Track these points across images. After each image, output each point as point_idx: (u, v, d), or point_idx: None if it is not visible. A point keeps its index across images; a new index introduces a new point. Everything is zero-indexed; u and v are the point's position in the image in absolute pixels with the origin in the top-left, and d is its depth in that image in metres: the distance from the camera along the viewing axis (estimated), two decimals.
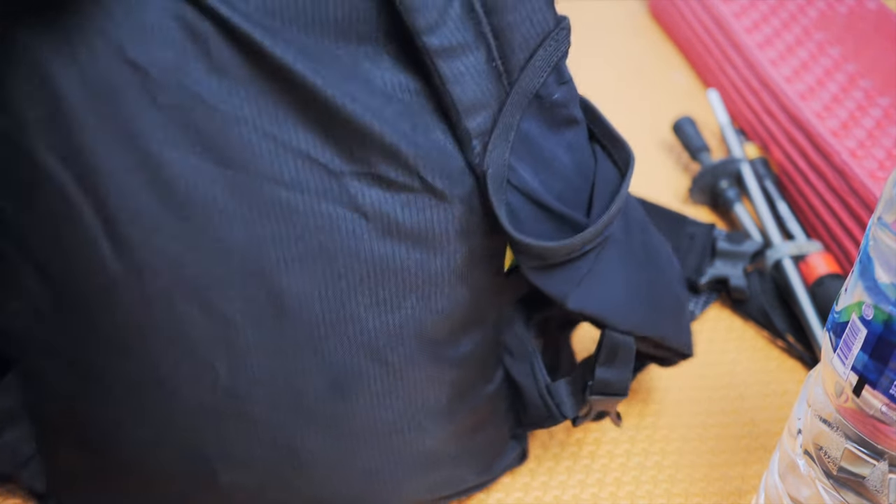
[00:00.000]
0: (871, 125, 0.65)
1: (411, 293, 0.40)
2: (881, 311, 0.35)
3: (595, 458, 0.53)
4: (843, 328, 0.38)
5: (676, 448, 0.54)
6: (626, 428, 0.54)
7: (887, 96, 0.68)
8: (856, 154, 0.63)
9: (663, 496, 0.51)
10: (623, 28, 0.90)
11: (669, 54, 0.86)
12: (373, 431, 0.42)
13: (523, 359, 0.46)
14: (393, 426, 0.42)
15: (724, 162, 0.67)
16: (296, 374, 0.39)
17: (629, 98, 0.80)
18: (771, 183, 0.68)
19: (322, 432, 0.41)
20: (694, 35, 0.82)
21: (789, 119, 0.68)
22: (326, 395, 0.40)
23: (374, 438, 0.42)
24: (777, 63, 0.72)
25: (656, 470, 0.52)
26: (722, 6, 0.78)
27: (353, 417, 0.41)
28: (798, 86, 0.69)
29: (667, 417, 0.55)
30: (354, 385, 0.40)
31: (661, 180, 0.71)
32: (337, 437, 0.41)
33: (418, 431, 0.43)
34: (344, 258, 0.38)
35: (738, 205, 0.66)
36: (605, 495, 0.51)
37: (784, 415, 0.56)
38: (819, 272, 0.60)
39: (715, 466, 0.53)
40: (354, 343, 0.39)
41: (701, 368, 0.58)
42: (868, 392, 0.37)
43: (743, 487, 0.52)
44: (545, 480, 0.51)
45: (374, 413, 0.41)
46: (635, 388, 0.57)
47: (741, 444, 0.54)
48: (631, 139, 0.78)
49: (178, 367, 0.38)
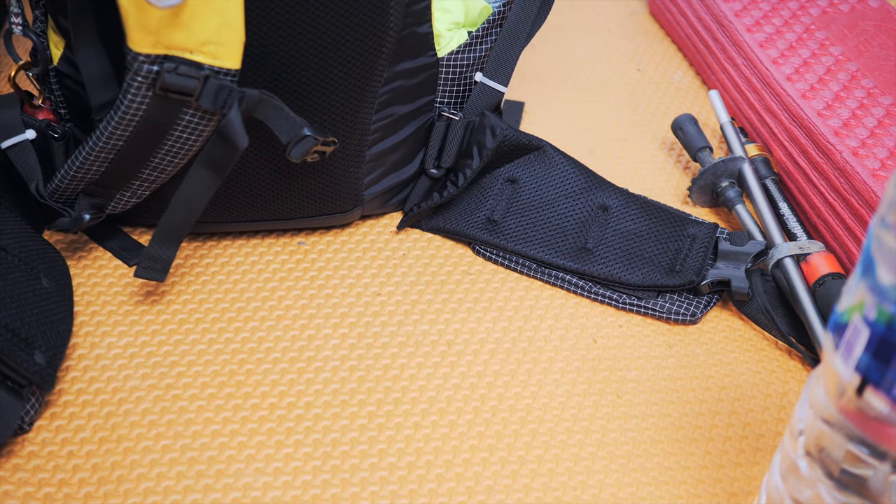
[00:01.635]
0: (872, 124, 0.65)
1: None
2: (884, 311, 0.35)
3: (596, 460, 0.52)
4: (845, 329, 0.38)
5: (678, 449, 0.53)
6: (629, 429, 0.54)
7: (889, 95, 0.68)
8: (857, 153, 0.63)
9: (665, 497, 0.51)
10: (623, 28, 0.89)
11: (669, 54, 0.86)
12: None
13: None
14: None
15: (725, 161, 0.67)
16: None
17: (629, 98, 0.80)
18: (772, 182, 0.68)
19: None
20: (694, 34, 0.82)
21: (791, 118, 0.68)
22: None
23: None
24: (778, 62, 0.72)
25: (658, 471, 0.52)
26: (723, 5, 0.78)
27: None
28: (799, 85, 0.69)
29: (668, 418, 0.55)
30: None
31: (661, 180, 0.71)
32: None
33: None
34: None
35: (740, 205, 0.66)
36: (606, 496, 0.51)
37: (785, 416, 0.56)
38: (821, 272, 0.60)
39: (717, 467, 0.53)
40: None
41: (703, 369, 0.58)
42: (871, 393, 0.37)
43: (745, 488, 0.52)
44: (546, 482, 0.51)
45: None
46: (637, 389, 0.56)
47: (743, 445, 0.54)
48: (631, 139, 0.78)
49: None
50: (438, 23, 0.60)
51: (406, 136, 0.62)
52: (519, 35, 0.64)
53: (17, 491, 0.49)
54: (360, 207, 0.63)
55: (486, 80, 0.64)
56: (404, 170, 0.64)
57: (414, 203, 0.65)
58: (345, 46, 0.55)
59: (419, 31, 0.58)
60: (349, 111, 0.58)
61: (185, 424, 0.53)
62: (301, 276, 0.62)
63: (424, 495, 0.50)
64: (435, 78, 0.62)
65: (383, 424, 0.54)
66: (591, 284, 0.62)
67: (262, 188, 0.60)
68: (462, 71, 0.63)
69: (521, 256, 0.63)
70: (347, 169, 0.60)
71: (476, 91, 0.64)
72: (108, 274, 0.61)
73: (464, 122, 0.63)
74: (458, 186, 0.64)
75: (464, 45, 0.62)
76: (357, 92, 0.57)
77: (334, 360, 0.57)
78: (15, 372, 0.49)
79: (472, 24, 0.63)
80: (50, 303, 0.54)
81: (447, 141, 0.64)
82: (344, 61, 0.56)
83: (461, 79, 0.63)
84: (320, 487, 0.50)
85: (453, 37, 0.62)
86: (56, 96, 0.59)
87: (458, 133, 0.63)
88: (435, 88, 0.62)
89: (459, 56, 0.62)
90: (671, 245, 0.62)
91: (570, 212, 0.64)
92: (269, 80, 0.55)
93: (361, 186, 0.62)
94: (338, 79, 0.56)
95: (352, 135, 0.59)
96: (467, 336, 0.59)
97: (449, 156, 0.64)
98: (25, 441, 0.51)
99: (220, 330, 0.58)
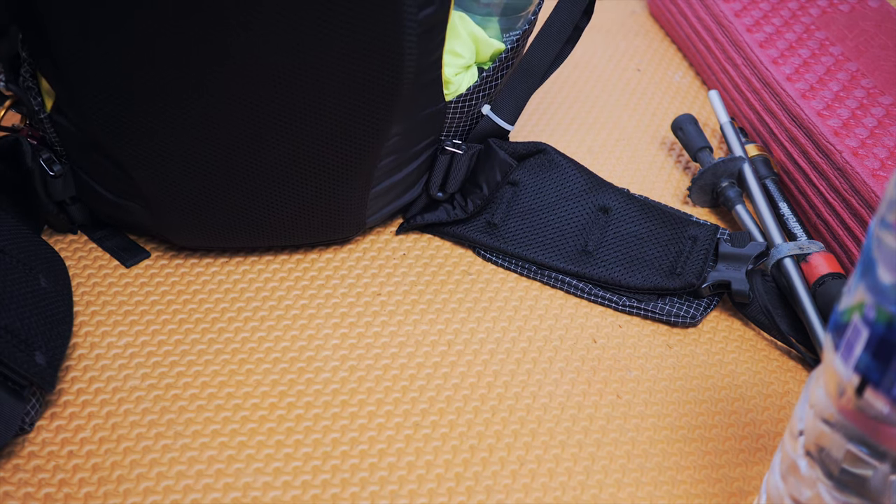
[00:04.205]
0: (872, 124, 0.65)
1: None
2: (884, 311, 0.35)
3: (596, 460, 0.52)
4: (845, 329, 0.38)
5: (678, 449, 0.53)
6: (628, 429, 0.54)
7: (889, 95, 0.68)
8: (857, 153, 0.63)
9: (665, 497, 0.51)
10: (623, 28, 0.89)
11: (669, 54, 0.86)
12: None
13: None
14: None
15: (725, 161, 0.67)
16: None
17: (629, 98, 0.80)
18: (772, 182, 0.68)
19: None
20: (694, 34, 0.82)
21: (790, 118, 0.68)
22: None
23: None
24: (778, 62, 0.72)
25: (657, 471, 0.52)
26: (723, 5, 0.78)
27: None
28: (799, 84, 0.69)
29: (668, 418, 0.55)
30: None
31: (661, 180, 0.71)
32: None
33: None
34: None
35: (740, 205, 0.66)
36: (605, 496, 0.51)
37: (785, 416, 0.56)
38: (821, 272, 0.60)
39: (716, 467, 0.53)
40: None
41: (702, 369, 0.58)
42: (871, 393, 0.37)
43: (744, 488, 0.52)
44: (545, 482, 0.51)
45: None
46: (636, 389, 0.56)
47: (742, 445, 0.54)
48: (631, 139, 0.78)
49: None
50: (447, 68, 0.58)
51: (411, 171, 0.61)
52: (533, 76, 0.63)
53: (17, 491, 0.49)
54: (361, 231, 0.63)
55: (493, 116, 0.62)
56: (407, 195, 0.63)
57: (416, 213, 0.65)
58: (355, 112, 0.54)
59: (427, 80, 0.56)
60: (354, 167, 0.57)
61: (185, 424, 0.53)
62: (301, 276, 0.62)
63: (424, 495, 0.50)
64: (442, 119, 0.60)
65: (383, 424, 0.54)
66: (591, 287, 0.62)
67: (265, 225, 0.59)
68: (470, 109, 0.61)
69: (522, 259, 0.63)
70: (350, 209, 0.60)
71: (483, 123, 0.62)
72: (108, 274, 0.61)
73: (468, 154, 0.62)
74: (466, 212, 0.63)
75: (473, 87, 0.60)
76: (363, 150, 0.56)
77: (334, 360, 0.57)
78: (15, 373, 0.49)
79: (483, 63, 0.62)
80: (49, 303, 0.54)
81: (451, 171, 0.62)
82: (353, 125, 0.54)
83: (469, 116, 0.61)
84: (320, 487, 0.50)
85: (462, 80, 0.60)
86: (52, 137, 0.57)
87: (464, 164, 0.62)
88: (442, 128, 0.61)
89: (469, 98, 0.60)
90: (672, 247, 0.62)
91: (570, 214, 0.64)
92: (266, 145, 0.54)
93: (364, 217, 0.62)
94: (345, 141, 0.55)
95: (355, 183, 0.58)
96: (467, 336, 0.59)
97: (454, 184, 0.63)
98: (25, 441, 0.51)
99: (220, 330, 0.58)
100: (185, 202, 0.57)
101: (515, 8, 0.63)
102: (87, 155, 0.57)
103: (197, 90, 0.51)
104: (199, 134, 0.53)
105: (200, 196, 0.57)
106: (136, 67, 0.50)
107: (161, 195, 0.57)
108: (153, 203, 0.57)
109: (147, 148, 0.54)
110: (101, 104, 0.52)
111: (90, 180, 0.58)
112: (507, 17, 0.63)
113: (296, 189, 0.57)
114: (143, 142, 0.53)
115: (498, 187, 0.63)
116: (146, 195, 0.57)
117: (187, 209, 0.57)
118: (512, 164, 0.63)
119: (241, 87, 0.51)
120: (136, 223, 0.61)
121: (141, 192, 0.57)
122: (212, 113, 0.52)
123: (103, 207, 0.60)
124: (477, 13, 0.61)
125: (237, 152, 0.54)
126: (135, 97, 0.51)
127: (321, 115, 0.53)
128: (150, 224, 0.60)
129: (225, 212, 0.58)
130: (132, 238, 0.63)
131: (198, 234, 0.60)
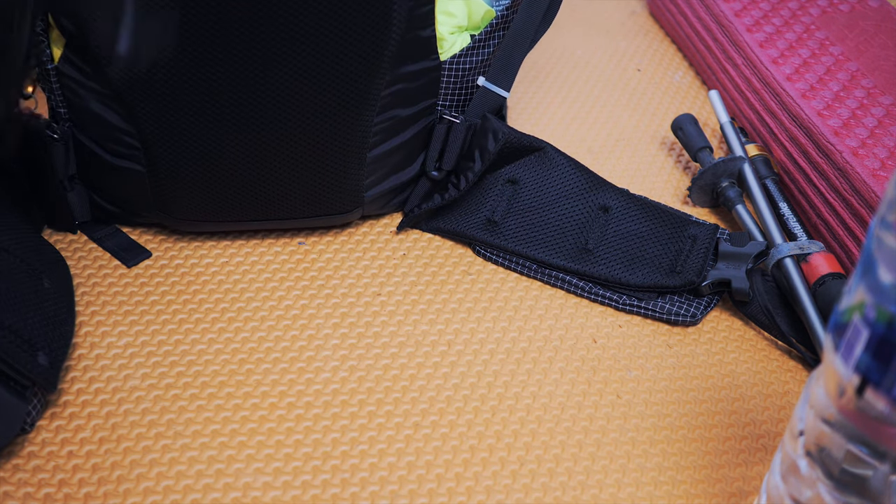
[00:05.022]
0: (872, 124, 0.65)
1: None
2: (884, 311, 0.35)
3: (596, 460, 0.52)
4: (846, 329, 0.37)
5: (678, 449, 0.53)
6: (628, 429, 0.54)
7: (889, 95, 0.68)
8: (857, 153, 0.63)
9: (665, 497, 0.51)
10: (623, 28, 0.89)
11: (669, 54, 0.86)
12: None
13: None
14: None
15: (725, 161, 0.67)
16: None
17: (629, 98, 0.80)
18: (772, 182, 0.68)
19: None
20: (694, 34, 0.82)
21: (791, 118, 0.68)
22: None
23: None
24: (778, 62, 0.72)
25: (657, 471, 0.52)
26: (723, 5, 0.78)
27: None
28: (799, 85, 0.69)
29: (668, 418, 0.55)
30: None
31: (661, 180, 0.71)
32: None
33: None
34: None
35: (740, 205, 0.66)
36: (605, 496, 0.51)
37: (785, 416, 0.56)
38: (821, 272, 0.60)
39: (716, 468, 0.53)
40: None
41: (702, 369, 0.58)
42: (871, 393, 0.37)
43: (744, 488, 0.52)
44: (545, 482, 0.51)
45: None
46: (636, 389, 0.56)
47: (742, 445, 0.54)
48: (631, 139, 0.78)
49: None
50: (441, 26, 0.60)
51: (407, 139, 0.62)
52: (523, 39, 0.64)
53: (16, 491, 0.49)
54: (360, 208, 0.63)
55: (489, 85, 0.64)
56: (405, 171, 0.64)
57: (414, 204, 0.65)
58: (346, 49, 0.55)
59: (422, 34, 0.58)
60: (350, 113, 0.58)
61: (185, 424, 0.53)
62: (301, 276, 0.62)
63: (424, 495, 0.50)
64: (437, 81, 0.62)
65: (383, 424, 0.54)
66: (591, 285, 0.62)
67: (261, 188, 0.60)
68: (464, 74, 0.62)
69: (522, 257, 0.63)
70: (348, 170, 0.60)
71: (478, 95, 0.63)
72: (108, 274, 0.61)
73: (465, 126, 0.63)
74: (459, 189, 0.64)
75: (466, 49, 0.62)
76: (358, 94, 0.57)
77: (334, 360, 0.57)
78: (18, 373, 0.49)
79: (475, 28, 0.63)
80: (52, 304, 0.54)
81: (448, 144, 0.63)
82: (345, 63, 0.56)
83: (463, 82, 0.63)
84: (320, 487, 0.50)
85: (456, 41, 0.61)
86: (56, 95, 0.58)
87: (460, 136, 0.63)
88: (437, 92, 0.62)
89: (462, 60, 0.62)
90: (672, 246, 0.62)
91: (570, 213, 0.64)
92: (268, 79, 0.55)
93: (362, 188, 0.62)
94: (339, 81, 0.56)
95: (353, 137, 0.59)
96: (467, 336, 0.59)
97: (450, 158, 0.64)
98: (25, 441, 0.51)
99: (220, 330, 0.58)
100: (187, 155, 0.57)
101: None
102: (92, 108, 0.57)
103: (210, 45, 0.53)
104: (208, 86, 0.55)
105: (203, 150, 0.57)
106: (163, 22, 0.52)
107: (164, 144, 0.57)
108: (153, 159, 0.58)
109: (158, 92, 0.55)
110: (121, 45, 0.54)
111: (90, 143, 0.59)
112: None
113: (295, 141, 0.58)
114: (155, 84, 0.55)
115: (490, 158, 0.63)
116: (148, 145, 0.57)
117: (188, 164, 0.58)
118: (505, 131, 0.63)
119: (244, 49, 0.53)
120: (133, 194, 0.61)
121: (144, 138, 0.57)
122: (219, 63, 0.54)
123: (102, 177, 0.60)
124: None
125: (241, 94, 0.56)
126: (156, 46, 0.54)
127: (319, 55, 0.55)
128: (148, 193, 0.60)
129: (225, 171, 0.59)
130: (133, 238, 0.63)
131: (195, 204, 0.60)
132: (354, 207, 0.63)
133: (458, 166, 0.65)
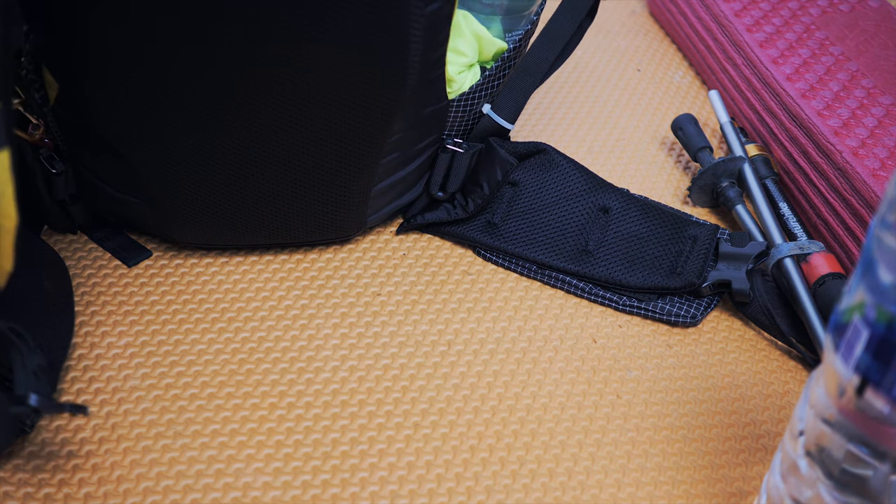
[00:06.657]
0: (872, 124, 0.65)
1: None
2: (884, 311, 0.35)
3: (596, 460, 0.52)
4: (846, 329, 0.37)
5: (678, 449, 0.53)
6: (628, 429, 0.54)
7: (889, 95, 0.68)
8: (857, 153, 0.63)
9: (664, 497, 0.51)
10: (623, 28, 0.89)
11: (669, 54, 0.86)
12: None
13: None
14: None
15: (725, 161, 0.67)
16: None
17: (629, 98, 0.80)
18: (772, 182, 0.68)
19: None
20: (694, 34, 0.82)
21: (790, 118, 0.68)
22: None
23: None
24: (778, 62, 0.72)
25: (657, 471, 0.52)
26: (723, 5, 0.78)
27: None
28: (799, 85, 0.69)
29: (668, 418, 0.55)
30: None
31: (661, 180, 0.71)
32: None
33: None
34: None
35: (740, 205, 0.66)
36: (605, 496, 0.51)
37: (785, 416, 0.56)
38: (821, 272, 0.60)
39: (716, 468, 0.53)
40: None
41: (702, 369, 0.58)
42: (871, 393, 0.37)
43: (744, 489, 0.52)
44: (545, 482, 0.51)
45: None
46: (636, 389, 0.56)
47: (742, 445, 0.54)
48: (631, 139, 0.78)
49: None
50: (450, 66, 0.58)
51: (412, 170, 0.62)
52: (534, 77, 0.63)
53: (16, 491, 0.49)
54: (361, 230, 0.63)
55: (493, 115, 0.63)
56: (409, 194, 0.63)
57: (416, 212, 0.65)
58: (357, 107, 0.54)
59: (430, 77, 0.56)
60: (356, 163, 0.57)
61: (185, 424, 0.53)
62: (301, 276, 0.62)
63: (424, 495, 0.50)
64: (445, 117, 0.61)
65: (383, 424, 0.54)
66: (591, 286, 0.62)
67: (263, 223, 0.59)
68: (472, 108, 0.61)
69: (522, 259, 0.63)
70: (352, 206, 0.60)
71: (483, 121, 0.63)
72: (108, 274, 0.61)
73: (469, 153, 0.62)
74: (467, 211, 0.63)
75: (476, 86, 0.60)
76: (366, 148, 0.56)
77: (334, 360, 0.57)
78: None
79: (486, 61, 0.62)
80: (51, 304, 0.54)
81: (452, 170, 0.62)
82: (355, 122, 0.54)
83: (471, 115, 0.62)
84: (320, 487, 0.50)
85: (465, 79, 0.60)
86: (54, 129, 0.57)
87: (465, 163, 0.62)
88: (444, 126, 0.61)
89: (471, 96, 0.61)
90: (672, 247, 0.62)
91: (570, 214, 0.64)
92: (271, 144, 0.54)
93: (365, 216, 0.62)
94: (346, 139, 0.55)
95: (357, 181, 0.58)
96: (467, 336, 0.59)
97: (454, 183, 0.63)
98: (25, 441, 0.51)
99: (221, 330, 0.58)
100: (187, 198, 0.57)
101: (518, 8, 0.63)
102: (88, 148, 0.57)
103: (206, 86, 0.52)
104: (206, 130, 0.53)
105: (203, 191, 0.57)
106: (153, 70, 0.51)
107: (163, 189, 0.57)
108: (154, 197, 0.57)
109: (152, 144, 0.54)
110: (110, 98, 0.52)
111: (91, 175, 0.58)
112: (510, 17, 0.63)
113: (299, 184, 0.57)
114: (148, 137, 0.54)
115: (499, 186, 0.63)
116: (148, 189, 0.57)
117: (189, 205, 0.57)
118: (513, 163, 0.63)
119: (247, 83, 0.52)
120: (136, 218, 0.61)
121: (142, 186, 0.57)
122: (218, 108, 0.53)
123: (104, 204, 0.60)
124: (480, 12, 0.62)
125: (241, 147, 0.55)
126: (145, 97, 0.52)
127: (327, 109, 0.54)
128: (151, 219, 0.60)
129: (227, 207, 0.58)
130: (133, 237, 0.63)
131: (199, 230, 0.60)
132: (355, 231, 0.63)
133: (464, 187, 0.64)
